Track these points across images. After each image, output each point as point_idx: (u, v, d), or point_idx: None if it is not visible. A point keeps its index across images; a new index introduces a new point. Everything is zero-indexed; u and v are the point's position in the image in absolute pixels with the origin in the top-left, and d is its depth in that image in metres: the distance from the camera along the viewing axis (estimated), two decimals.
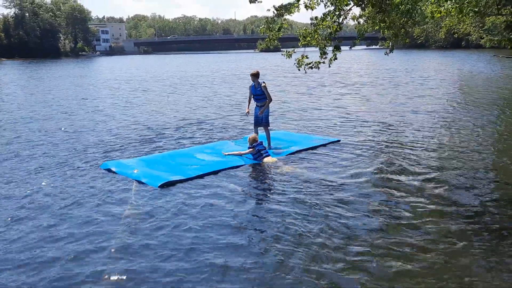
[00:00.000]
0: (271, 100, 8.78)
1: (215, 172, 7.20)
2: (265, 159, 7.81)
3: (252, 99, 8.90)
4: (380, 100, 16.27)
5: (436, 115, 12.66)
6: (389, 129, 10.91)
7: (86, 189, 6.52)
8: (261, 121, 8.77)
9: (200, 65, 50.75)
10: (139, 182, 6.72)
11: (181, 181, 6.71)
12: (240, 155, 8.12)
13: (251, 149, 7.96)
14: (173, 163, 7.71)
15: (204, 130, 11.22)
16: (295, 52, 7.30)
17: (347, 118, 12.58)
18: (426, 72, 29.86)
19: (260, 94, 8.68)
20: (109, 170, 7.35)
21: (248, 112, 9.03)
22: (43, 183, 6.84)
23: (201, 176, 6.97)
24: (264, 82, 8.67)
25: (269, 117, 9.01)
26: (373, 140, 9.58)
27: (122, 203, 5.95)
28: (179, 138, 10.28)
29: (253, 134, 8.36)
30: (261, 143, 8.07)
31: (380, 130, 10.75)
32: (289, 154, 8.40)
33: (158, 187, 6.44)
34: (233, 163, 7.66)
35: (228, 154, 8.22)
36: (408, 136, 9.98)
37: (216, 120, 12.78)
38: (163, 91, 21.32)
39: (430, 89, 19.51)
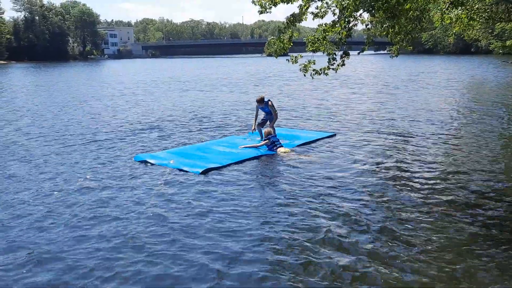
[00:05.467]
0: (277, 116, 9.56)
1: (240, 162, 7.99)
2: (279, 149, 8.55)
3: (259, 114, 9.68)
4: (387, 101, 16.18)
5: (443, 119, 12.49)
6: (393, 126, 11.11)
7: (130, 179, 7.05)
8: (267, 121, 9.59)
9: (211, 69, 50.87)
10: (180, 170, 7.44)
11: (216, 168, 7.50)
12: (256, 147, 8.78)
13: (266, 141, 8.68)
14: (200, 154, 8.43)
15: (210, 126, 12.18)
16: (301, 57, 7.23)
17: (346, 115, 13.65)
18: (435, 77, 29.69)
19: (268, 112, 9.50)
20: (144, 162, 8.02)
21: (254, 129, 9.68)
22: (88, 176, 7.25)
23: (229, 165, 7.75)
24: (270, 101, 9.39)
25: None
26: (372, 136, 10.31)
27: (166, 189, 6.50)
28: (192, 132, 11.16)
29: (268, 128, 9.05)
30: (274, 135, 8.86)
31: (385, 129, 10.94)
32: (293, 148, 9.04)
33: (200, 173, 7.19)
34: (254, 154, 8.44)
35: (245, 147, 8.86)
36: (407, 135, 10.24)
37: (221, 117, 13.73)
38: (180, 91, 21.44)
39: (439, 93, 19.35)
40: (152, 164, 7.87)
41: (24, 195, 6.32)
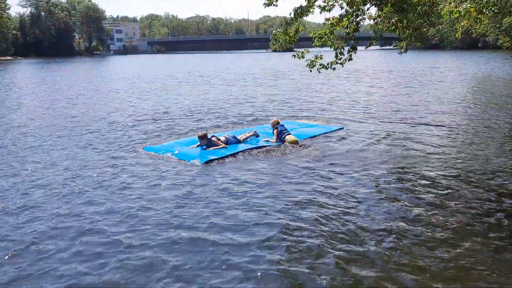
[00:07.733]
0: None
1: (244, 151, 8.28)
2: (287, 138, 8.80)
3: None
4: (396, 96, 16.10)
5: (451, 115, 12.42)
6: (400, 121, 11.36)
7: (141, 168, 7.55)
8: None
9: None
10: (184, 160, 7.73)
11: (219, 158, 7.85)
12: (275, 141, 9.00)
13: (275, 131, 8.99)
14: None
15: (214, 119, 12.64)
16: (308, 52, 7.15)
17: (353, 109, 13.89)
18: (446, 71, 29.58)
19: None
20: (153, 152, 8.41)
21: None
22: (111, 167, 7.73)
23: (233, 155, 8.10)
24: (213, 136, 8.67)
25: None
26: (379, 130, 10.45)
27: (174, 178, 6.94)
28: (196, 124, 11.65)
29: (275, 118, 9.35)
30: (282, 125, 9.09)
31: (390, 122, 11.37)
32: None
33: (203, 163, 7.51)
34: (260, 144, 8.76)
35: (266, 140, 9.09)
36: (419, 127, 10.41)
37: (223, 111, 14.18)
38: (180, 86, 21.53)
39: (447, 89, 19.24)
40: (160, 154, 8.24)
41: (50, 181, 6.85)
